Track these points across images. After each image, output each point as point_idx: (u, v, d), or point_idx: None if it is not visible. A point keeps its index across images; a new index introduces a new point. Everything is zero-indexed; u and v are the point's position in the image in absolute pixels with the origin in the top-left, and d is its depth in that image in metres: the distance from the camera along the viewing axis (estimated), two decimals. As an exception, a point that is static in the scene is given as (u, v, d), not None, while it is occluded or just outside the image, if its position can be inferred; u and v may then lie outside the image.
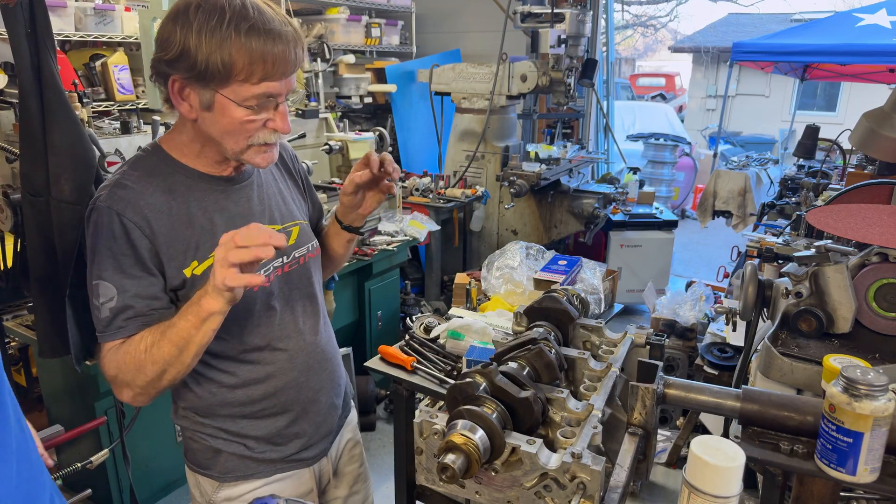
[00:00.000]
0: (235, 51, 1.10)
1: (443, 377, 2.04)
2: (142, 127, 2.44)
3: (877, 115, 1.87)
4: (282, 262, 1.38)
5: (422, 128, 5.65)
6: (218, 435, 1.38)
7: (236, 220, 1.29)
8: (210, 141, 1.24)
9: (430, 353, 2.16)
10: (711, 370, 2.68)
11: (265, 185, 1.40)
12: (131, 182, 1.22)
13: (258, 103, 1.17)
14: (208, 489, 1.41)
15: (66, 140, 1.77)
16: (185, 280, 1.24)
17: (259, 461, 1.40)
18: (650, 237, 5.13)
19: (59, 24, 3.20)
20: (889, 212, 1.40)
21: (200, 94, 1.16)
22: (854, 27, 6.16)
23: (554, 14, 4.32)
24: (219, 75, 1.12)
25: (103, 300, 1.19)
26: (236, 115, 1.16)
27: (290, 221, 1.41)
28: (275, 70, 1.14)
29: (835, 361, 1.01)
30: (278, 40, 1.13)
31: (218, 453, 1.38)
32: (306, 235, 1.45)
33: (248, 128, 1.19)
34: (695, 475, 0.80)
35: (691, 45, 15.72)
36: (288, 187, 1.47)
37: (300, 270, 1.42)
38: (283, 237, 1.11)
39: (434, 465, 0.90)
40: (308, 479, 1.48)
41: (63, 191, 1.77)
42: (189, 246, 1.24)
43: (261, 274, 1.14)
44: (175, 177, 1.26)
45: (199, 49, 1.10)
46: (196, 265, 1.24)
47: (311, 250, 1.45)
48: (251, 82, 1.13)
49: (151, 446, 2.51)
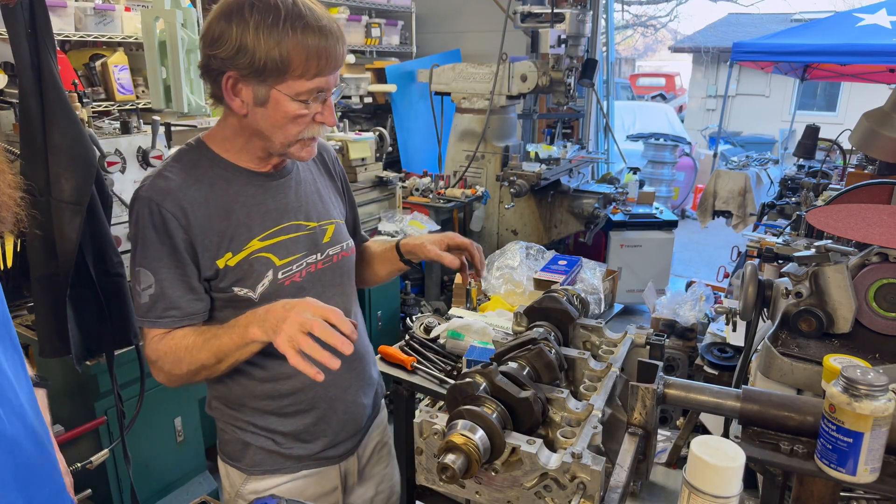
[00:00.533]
0: (292, 47, 1.14)
1: (443, 377, 2.04)
2: (142, 127, 2.44)
3: (877, 115, 1.87)
4: (315, 259, 1.39)
5: (422, 128, 5.65)
6: (247, 428, 1.40)
7: (273, 214, 1.33)
8: (256, 136, 1.27)
9: (430, 353, 2.16)
10: (711, 370, 2.68)
11: (303, 183, 1.43)
12: (172, 174, 1.27)
13: (310, 98, 1.21)
14: (237, 481, 1.44)
15: (67, 140, 1.77)
16: (218, 271, 1.27)
17: (286, 457, 1.42)
18: (650, 237, 5.13)
19: (59, 24, 3.19)
20: (889, 212, 1.40)
21: (255, 90, 1.20)
22: (854, 27, 6.16)
23: (554, 14, 4.32)
24: (276, 71, 1.16)
25: (143, 286, 1.25)
26: (290, 109, 1.21)
27: (326, 220, 1.44)
28: (327, 65, 1.19)
29: (835, 361, 1.01)
30: (329, 36, 1.18)
31: (247, 446, 1.41)
32: (341, 234, 1.47)
33: (298, 122, 1.23)
34: (695, 475, 0.80)
35: (691, 45, 15.72)
36: (326, 186, 1.50)
37: (333, 268, 1.44)
38: (350, 346, 1.10)
39: (434, 465, 0.90)
40: (334, 477, 1.49)
41: (63, 191, 1.77)
42: (224, 238, 1.27)
43: (334, 359, 1.10)
44: (215, 170, 1.30)
45: (257, 46, 1.14)
46: (230, 256, 1.28)
47: (345, 249, 1.47)
48: (306, 78, 1.18)
49: (151, 446, 2.51)
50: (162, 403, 2.53)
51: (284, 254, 1.33)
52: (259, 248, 1.30)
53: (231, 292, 1.29)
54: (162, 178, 1.26)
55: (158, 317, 1.25)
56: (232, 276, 1.27)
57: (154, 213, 1.22)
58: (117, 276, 2.01)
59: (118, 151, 2.26)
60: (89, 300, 1.94)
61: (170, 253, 1.24)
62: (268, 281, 1.30)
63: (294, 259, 1.34)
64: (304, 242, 1.37)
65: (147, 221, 1.23)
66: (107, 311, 1.99)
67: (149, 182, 1.26)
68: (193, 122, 3.10)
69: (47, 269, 1.85)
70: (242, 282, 1.29)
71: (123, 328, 2.06)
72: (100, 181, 1.93)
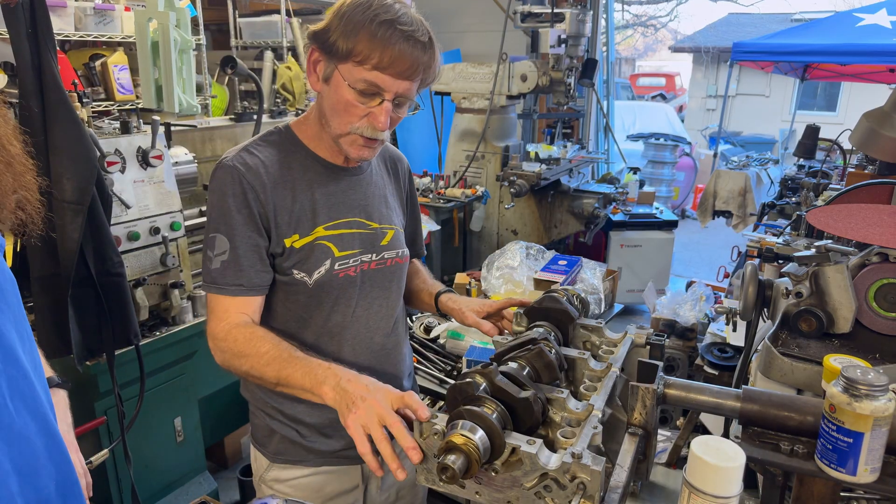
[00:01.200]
0: (363, 33, 1.18)
1: (443, 377, 2.04)
2: (142, 127, 2.44)
3: (877, 114, 1.87)
4: (370, 259, 1.42)
5: (422, 128, 5.65)
6: (275, 416, 1.43)
7: (340, 207, 1.38)
8: (323, 119, 1.32)
9: (430, 353, 2.16)
10: (711, 370, 2.67)
11: (374, 186, 1.47)
12: (257, 151, 1.33)
13: (364, 89, 1.22)
14: (262, 465, 1.48)
15: (67, 140, 1.77)
16: (285, 249, 1.32)
17: (308, 449, 1.44)
18: (650, 237, 5.12)
19: (58, 24, 3.19)
20: (889, 212, 1.40)
21: (326, 67, 1.25)
22: (854, 27, 6.16)
23: (554, 14, 4.32)
24: (341, 52, 1.20)
25: (217, 252, 1.29)
26: (344, 94, 1.23)
27: (388, 224, 1.47)
28: (389, 63, 1.20)
29: (835, 361, 1.01)
30: (405, 40, 1.19)
31: (273, 434, 1.44)
32: (399, 241, 1.50)
33: (351, 111, 1.25)
34: (695, 475, 0.80)
35: (691, 44, 15.72)
36: (392, 194, 1.54)
37: (385, 272, 1.46)
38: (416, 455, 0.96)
39: (434, 466, 0.90)
40: (355, 477, 1.50)
41: (64, 191, 1.77)
42: (293, 219, 1.32)
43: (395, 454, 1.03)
44: (295, 155, 1.36)
45: (336, 28, 1.20)
46: (297, 238, 1.33)
47: (399, 256, 1.49)
48: (365, 66, 1.20)
49: (151, 446, 2.51)
50: (162, 403, 2.53)
51: (344, 246, 1.37)
52: (322, 235, 1.35)
53: (291, 274, 1.33)
54: (247, 153, 1.32)
55: (227, 284, 1.28)
56: (295, 257, 1.32)
57: (236, 182, 1.28)
58: (118, 275, 2.01)
59: (118, 151, 2.26)
60: (90, 300, 1.94)
61: (247, 221, 1.28)
62: (324, 269, 1.34)
63: (351, 254, 1.38)
64: (363, 240, 1.41)
65: (229, 189, 1.28)
66: (107, 311, 1.99)
67: (234, 153, 1.32)
68: (193, 122, 3.10)
69: (48, 269, 1.85)
70: (301, 265, 1.33)
71: (124, 328, 2.07)
72: (100, 181, 1.93)
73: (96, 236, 1.90)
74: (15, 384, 0.87)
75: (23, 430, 0.87)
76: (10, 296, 0.92)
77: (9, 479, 0.85)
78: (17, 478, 0.86)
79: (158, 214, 2.43)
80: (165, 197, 2.46)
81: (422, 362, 2.11)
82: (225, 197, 1.28)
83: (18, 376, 0.88)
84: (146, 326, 2.44)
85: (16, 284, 0.95)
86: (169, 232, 2.45)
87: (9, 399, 0.85)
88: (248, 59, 4.45)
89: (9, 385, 0.86)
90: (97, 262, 1.93)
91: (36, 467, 0.90)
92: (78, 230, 1.79)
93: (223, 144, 3.42)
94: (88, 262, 1.89)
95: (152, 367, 2.41)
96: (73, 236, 1.78)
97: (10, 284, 0.94)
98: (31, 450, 0.89)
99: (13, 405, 0.86)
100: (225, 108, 3.96)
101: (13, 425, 0.85)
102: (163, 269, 2.46)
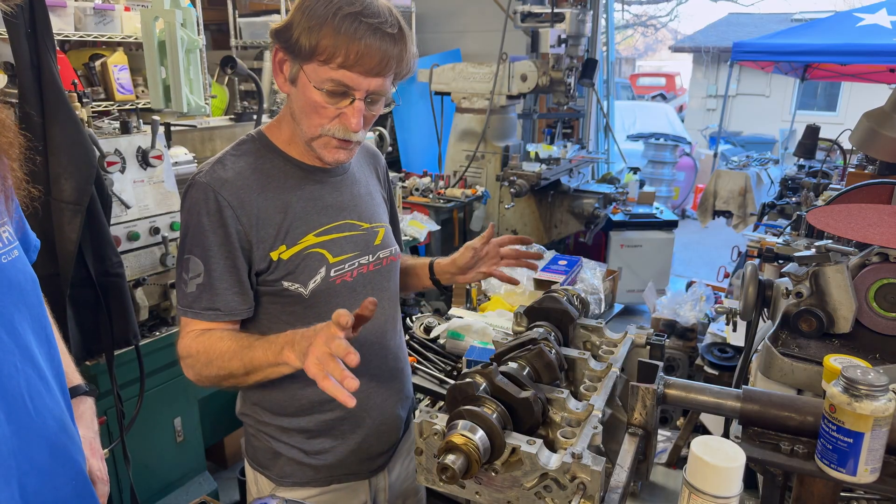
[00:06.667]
0: (325, 29, 1.11)
1: (443, 377, 2.04)
2: (141, 127, 2.44)
3: (877, 114, 1.87)
4: (368, 261, 1.37)
5: (422, 128, 5.65)
6: (279, 437, 1.37)
7: (329, 211, 1.32)
8: (294, 121, 1.25)
9: (430, 353, 2.16)
10: (712, 370, 2.68)
11: (358, 184, 1.41)
12: (231, 163, 1.25)
13: (332, 90, 1.16)
14: (265, 488, 1.42)
15: (67, 140, 1.77)
16: (271, 263, 1.25)
17: (316, 468, 1.38)
18: (650, 237, 5.13)
19: (58, 24, 3.19)
20: (889, 212, 1.40)
21: (291, 67, 1.19)
22: (854, 27, 6.16)
23: (554, 14, 4.32)
24: (304, 51, 1.14)
25: (192, 275, 1.22)
26: (311, 95, 1.17)
27: (377, 222, 1.42)
28: (356, 60, 1.13)
29: (835, 361, 1.01)
30: (372, 34, 1.12)
31: (277, 456, 1.38)
32: (390, 239, 1.46)
33: (321, 113, 1.19)
34: (695, 475, 0.80)
35: (691, 44, 15.72)
36: (377, 191, 1.49)
37: (382, 272, 1.42)
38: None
39: (434, 466, 0.90)
40: (362, 493, 1.46)
41: (63, 191, 1.77)
42: (280, 230, 1.25)
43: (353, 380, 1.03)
44: (273, 162, 1.29)
45: (298, 24, 1.13)
46: (284, 249, 1.25)
47: (393, 254, 1.45)
48: (330, 65, 1.13)
49: (151, 446, 2.51)
50: (162, 403, 2.53)
51: (338, 251, 1.31)
52: (314, 243, 1.28)
53: (279, 286, 1.26)
54: (220, 166, 1.24)
55: (203, 309, 1.22)
56: (283, 269, 1.25)
57: (210, 201, 1.20)
58: (117, 276, 2.01)
59: (118, 151, 2.26)
60: (89, 300, 1.94)
61: (222, 242, 1.21)
62: (320, 277, 1.28)
63: (346, 258, 1.33)
64: (357, 242, 1.36)
65: (202, 208, 1.20)
66: (106, 312, 1.99)
67: (207, 168, 1.24)
68: (193, 122, 3.10)
69: (47, 269, 1.85)
70: (293, 276, 1.26)
71: (123, 328, 2.06)
72: (99, 181, 1.93)
73: (95, 236, 1.90)
74: (33, 385, 0.87)
75: (41, 430, 0.87)
76: (30, 296, 0.91)
77: (26, 478, 0.85)
78: (35, 477, 0.86)
79: (158, 214, 2.43)
80: (165, 197, 2.46)
81: (422, 362, 2.11)
82: (199, 216, 1.20)
83: (35, 377, 0.88)
84: (146, 326, 2.44)
85: (38, 285, 0.95)
86: (169, 232, 2.45)
87: (28, 399, 0.85)
88: (248, 59, 4.46)
89: (27, 385, 0.86)
90: (96, 263, 1.93)
91: (53, 468, 0.90)
92: (76, 230, 1.78)
93: (223, 144, 3.41)
94: (87, 263, 1.89)
95: (152, 368, 2.40)
96: (71, 237, 1.78)
97: (32, 284, 0.93)
98: (48, 451, 0.89)
99: (32, 405, 0.86)
100: (225, 108, 3.97)
101: (31, 425, 0.85)
102: (163, 269, 2.46)
